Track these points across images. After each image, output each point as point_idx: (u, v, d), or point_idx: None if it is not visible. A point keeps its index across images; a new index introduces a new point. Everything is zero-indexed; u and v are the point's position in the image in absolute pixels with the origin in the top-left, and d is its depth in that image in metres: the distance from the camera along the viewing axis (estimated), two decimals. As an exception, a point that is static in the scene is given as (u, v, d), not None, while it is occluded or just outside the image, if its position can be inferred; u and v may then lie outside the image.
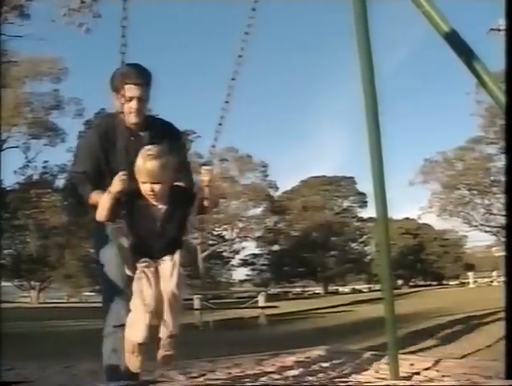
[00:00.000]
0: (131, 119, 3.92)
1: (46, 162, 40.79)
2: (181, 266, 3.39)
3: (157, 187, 3.28)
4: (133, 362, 3.33)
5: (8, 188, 37.20)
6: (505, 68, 3.15)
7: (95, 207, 3.47)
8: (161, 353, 3.33)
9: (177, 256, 3.37)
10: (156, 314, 3.27)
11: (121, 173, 3.28)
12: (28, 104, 37.53)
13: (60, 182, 40.94)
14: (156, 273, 3.30)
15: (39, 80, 37.68)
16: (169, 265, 3.31)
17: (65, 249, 46.83)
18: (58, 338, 11.95)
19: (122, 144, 3.77)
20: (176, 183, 3.53)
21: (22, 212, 39.56)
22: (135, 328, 3.25)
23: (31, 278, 54.13)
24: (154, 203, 3.34)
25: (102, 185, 3.59)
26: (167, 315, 3.28)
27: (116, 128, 3.90)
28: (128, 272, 3.39)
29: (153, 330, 3.28)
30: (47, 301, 55.96)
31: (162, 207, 3.36)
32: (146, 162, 3.24)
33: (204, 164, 3.65)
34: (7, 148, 37.16)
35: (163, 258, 3.34)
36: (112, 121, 4.03)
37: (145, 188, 3.28)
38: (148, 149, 3.30)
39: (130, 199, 3.33)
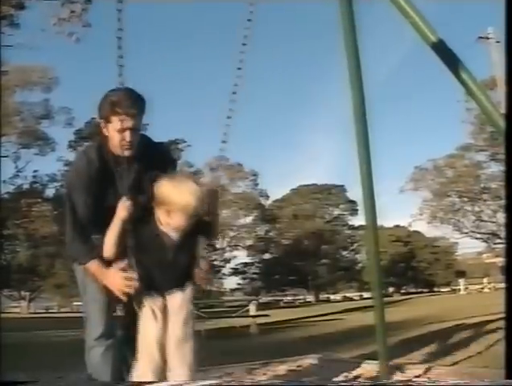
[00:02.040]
0: (123, 152, 3.42)
1: (36, 171, 40.70)
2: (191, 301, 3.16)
3: (186, 220, 3.08)
4: None
5: (-2, 198, 37.06)
6: (505, 70, 3.16)
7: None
8: None
9: (188, 289, 3.16)
10: (164, 357, 3.03)
11: (123, 199, 3.11)
12: (18, 113, 37.40)
13: (50, 191, 40.90)
14: (164, 309, 3.09)
15: (30, 89, 37.60)
16: (179, 300, 3.10)
17: (55, 259, 46.65)
18: (49, 348, 11.89)
19: (112, 176, 3.47)
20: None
21: (12, 222, 39.36)
22: (141, 373, 3.02)
23: (21, 288, 53.89)
24: (170, 233, 3.12)
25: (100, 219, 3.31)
26: (173, 360, 3.03)
27: (104, 161, 3.51)
28: (135, 307, 3.14)
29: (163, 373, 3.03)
30: (37, 311, 55.69)
31: (174, 235, 3.13)
32: (183, 194, 3.04)
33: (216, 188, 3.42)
34: (-3, 157, 37.04)
35: (173, 292, 3.12)
36: (99, 153, 3.55)
37: (175, 220, 3.07)
38: (183, 179, 3.14)
39: (137, 229, 3.11)
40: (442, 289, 63.08)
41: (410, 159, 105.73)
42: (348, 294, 67.08)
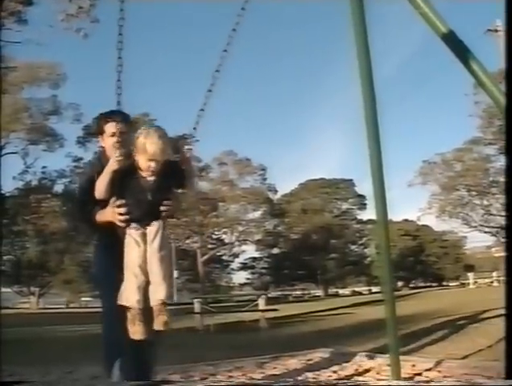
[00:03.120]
0: (116, 154, 3.91)
1: (44, 167, 40.74)
2: (165, 230, 3.66)
3: (155, 164, 3.62)
4: (134, 330, 3.50)
5: (7, 194, 37.12)
6: (505, 68, 3.14)
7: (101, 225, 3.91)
8: (155, 320, 3.49)
9: (162, 220, 3.66)
10: (146, 278, 3.50)
11: (116, 154, 3.66)
12: (26, 109, 37.46)
13: (59, 187, 40.96)
14: (144, 237, 3.58)
15: (38, 85, 37.63)
16: (154, 228, 3.59)
17: (65, 255, 46.81)
18: (58, 343, 11.93)
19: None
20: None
21: (21, 218, 39.51)
22: (127, 293, 3.50)
23: (31, 284, 54.07)
24: (148, 177, 3.67)
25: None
26: (154, 278, 3.50)
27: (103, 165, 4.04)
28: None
29: (146, 294, 3.50)
30: (46, 306, 55.91)
31: (151, 179, 3.68)
32: (151, 144, 3.57)
33: (185, 141, 4.08)
34: (6, 154, 37.08)
35: (150, 223, 3.61)
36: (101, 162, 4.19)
37: (145, 165, 3.61)
38: (152, 131, 3.65)
39: (123, 176, 3.67)
40: (451, 283, 62.91)
41: (419, 153, 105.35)
42: (357, 288, 66.99)
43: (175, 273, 52.47)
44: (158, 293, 3.49)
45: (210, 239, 54.64)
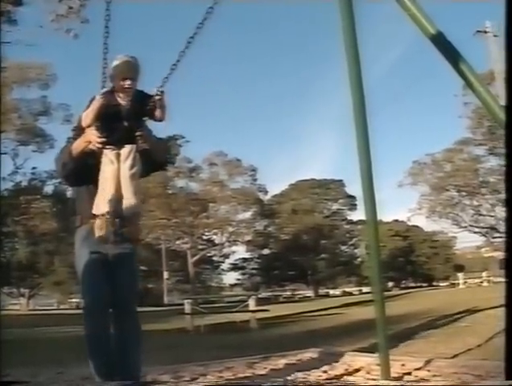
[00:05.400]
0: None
1: (34, 168, 40.56)
2: (137, 152, 4.06)
3: (131, 82, 4.02)
4: (99, 230, 3.83)
5: (-4, 195, 36.97)
6: (505, 68, 3.16)
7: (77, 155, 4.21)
8: (127, 230, 3.91)
9: (134, 145, 4.07)
10: (118, 193, 3.89)
11: (100, 92, 3.96)
12: (16, 110, 37.31)
13: (49, 188, 40.82)
14: (118, 157, 4.00)
15: (27, 86, 37.49)
16: (127, 150, 4.02)
17: (55, 256, 46.65)
18: (48, 344, 11.91)
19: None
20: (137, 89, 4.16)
21: (11, 219, 39.33)
22: (99, 202, 3.89)
23: (21, 285, 53.88)
24: (125, 99, 4.06)
25: None
26: (125, 191, 3.90)
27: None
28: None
29: (116, 205, 3.86)
30: (36, 308, 55.72)
31: (127, 105, 4.06)
32: (122, 62, 3.98)
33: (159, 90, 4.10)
34: (-5, 155, 36.94)
35: (124, 145, 4.03)
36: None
37: (120, 85, 4.01)
38: (123, 55, 4.01)
39: (105, 106, 3.98)
40: (441, 284, 63.17)
41: (409, 154, 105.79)
42: (347, 289, 67.13)
43: (166, 274, 52.49)
44: (129, 204, 3.88)
45: (200, 240, 54.66)
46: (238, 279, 68.82)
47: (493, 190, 40.82)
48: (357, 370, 5.38)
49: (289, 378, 5.16)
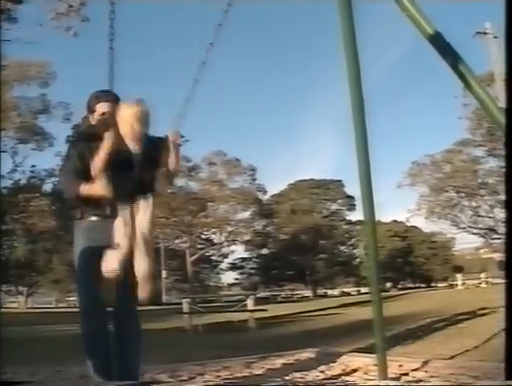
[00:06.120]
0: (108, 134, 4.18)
1: (33, 166, 40.57)
2: (153, 209, 3.83)
3: (139, 128, 3.82)
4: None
5: (-4, 193, 36.97)
6: (505, 69, 3.16)
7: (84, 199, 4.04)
8: (140, 290, 3.77)
9: (151, 199, 3.83)
10: (130, 251, 3.69)
11: (108, 132, 3.77)
12: (16, 108, 37.29)
13: (48, 186, 40.82)
14: (132, 214, 3.75)
15: (27, 84, 37.47)
16: (143, 206, 3.77)
17: (53, 254, 46.65)
18: (46, 342, 11.90)
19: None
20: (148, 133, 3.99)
21: (9, 217, 39.32)
22: (109, 261, 3.66)
23: (19, 283, 53.87)
24: (134, 145, 3.86)
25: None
26: (140, 253, 3.70)
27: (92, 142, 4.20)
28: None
29: (127, 266, 3.67)
30: (35, 306, 55.71)
31: (138, 153, 3.86)
32: (133, 107, 3.80)
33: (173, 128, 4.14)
34: (-5, 152, 36.91)
35: (139, 201, 3.78)
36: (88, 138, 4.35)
37: (130, 131, 3.82)
38: (132, 100, 3.87)
39: (114, 153, 3.77)
40: (439, 284, 63.16)
41: (408, 154, 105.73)
42: (345, 289, 67.12)
43: (164, 273, 52.47)
44: (143, 266, 3.71)
45: (199, 239, 54.71)
46: (237, 278, 68.83)
47: (492, 191, 40.86)
48: (355, 370, 5.39)
49: (286, 378, 5.17)
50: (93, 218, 4.16)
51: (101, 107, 4.22)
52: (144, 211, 3.78)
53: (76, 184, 4.12)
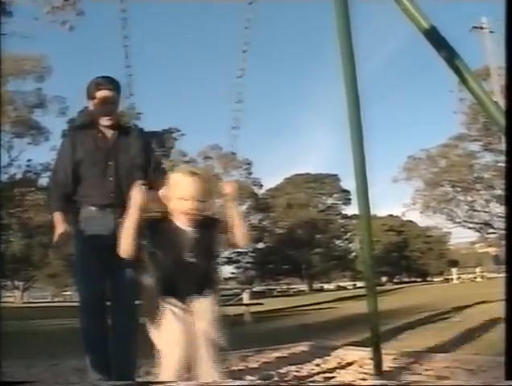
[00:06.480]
0: (104, 121, 4.32)
1: (29, 160, 40.51)
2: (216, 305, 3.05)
3: (200, 205, 2.94)
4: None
5: (-9, 187, 36.90)
6: (505, 67, 3.16)
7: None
8: None
9: (212, 294, 3.05)
10: (188, 356, 2.88)
11: (138, 183, 2.97)
12: (11, 102, 37.20)
13: (44, 180, 40.74)
14: (187, 313, 2.95)
15: (23, 78, 37.38)
16: (204, 304, 2.99)
17: (49, 248, 46.57)
18: (42, 337, 11.91)
19: (92, 145, 4.24)
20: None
21: (5, 211, 39.24)
22: (167, 374, 2.86)
23: (15, 278, 53.80)
24: (186, 226, 2.96)
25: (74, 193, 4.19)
26: (202, 362, 2.92)
27: (88, 130, 4.35)
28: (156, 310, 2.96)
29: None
30: (31, 300, 55.67)
31: (189, 230, 2.97)
32: (192, 177, 2.95)
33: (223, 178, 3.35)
34: (-11, 147, 36.84)
35: (197, 296, 2.98)
36: (85, 126, 4.48)
37: (185, 206, 2.92)
38: (190, 166, 2.97)
39: (155, 228, 2.91)
40: (435, 279, 63.31)
41: (403, 149, 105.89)
42: (341, 283, 67.25)
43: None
44: (209, 375, 2.91)
45: (195, 233, 54.63)
46: (233, 273, 68.78)
47: (487, 185, 40.91)
48: (350, 364, 5.41)
49: (281, 371, 5.19)
50: (92, 208, 4.15)
51: (101, 93, 4.24)
52: (205, 308, 3.00)
53: (60, 200, 4.19)
